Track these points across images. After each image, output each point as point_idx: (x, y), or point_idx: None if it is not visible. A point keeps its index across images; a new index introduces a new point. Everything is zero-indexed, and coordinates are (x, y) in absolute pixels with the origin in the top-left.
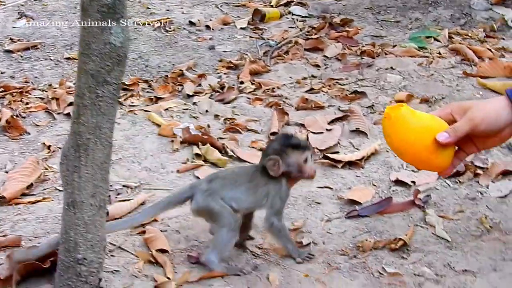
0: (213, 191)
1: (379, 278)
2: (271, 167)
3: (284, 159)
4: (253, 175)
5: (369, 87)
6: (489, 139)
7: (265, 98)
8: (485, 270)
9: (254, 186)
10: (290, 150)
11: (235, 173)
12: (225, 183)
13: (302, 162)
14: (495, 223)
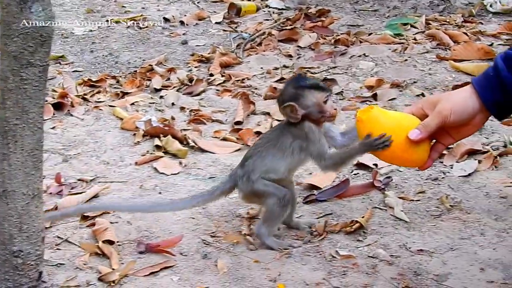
0: (249, 173)
1: (331, 262)
2: (288, 113)
3: (301, 102)
4: (277, 137)
5: (340, 74)
6: (463, 128)
7: (234, 89)
8: (442, 249)
9: (281, 148)
10: (307, 91)
11: (261, 145)
12: (255, 161)
13: (321, 102)
14: (456, 202)
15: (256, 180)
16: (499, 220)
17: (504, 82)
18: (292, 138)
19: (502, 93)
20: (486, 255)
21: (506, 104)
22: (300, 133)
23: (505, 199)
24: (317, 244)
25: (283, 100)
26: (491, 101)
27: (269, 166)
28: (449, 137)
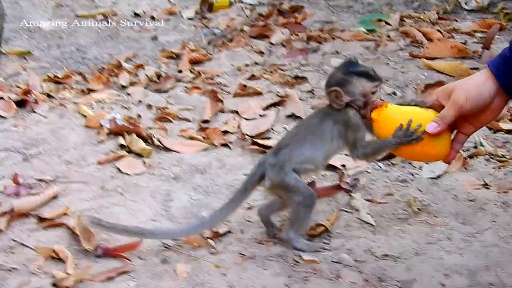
0: (282, 163)
1: (294, 266)
2: (333, 99)
3: (348, 89)
4: (316, 124)
5: (311, 72)
6: (482, 115)
7: (203, 87)
8: (407, 254)
9: (321, 135)
10: (355, 78)
11: (297, 133)
12: (291, 150)
13: (368, 92)
14: (424, 205)
15: (290, 172)
16: (466, 224)
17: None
18: (333, 124)
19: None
20: (452, 261)
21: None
22: (341, 118)
23: (473, 202)
24: (280, 248)
25: (330, 84)
26: (508, 83)
27: (307, 155)
28: (469, 126)
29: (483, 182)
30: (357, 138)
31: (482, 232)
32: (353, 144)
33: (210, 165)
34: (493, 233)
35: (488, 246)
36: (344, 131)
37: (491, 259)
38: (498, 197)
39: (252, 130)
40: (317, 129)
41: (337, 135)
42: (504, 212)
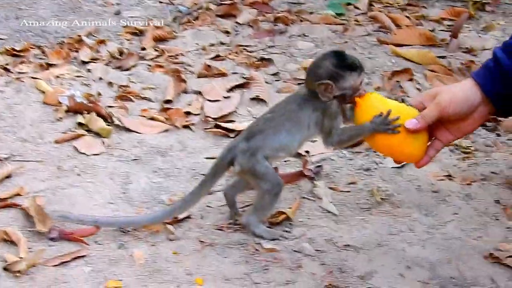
0: (255, 150)
1: (254, 255)
2: (322, 92)
3: (339, 83)
4: (294, 110)
5: (278, 54)
6: (462, 123)
7: (166, 65)
8: (369, 245)
9: (298, 122)
10: (348, 73)
11: (272, 118)
12: (266, 137)
13: (358, 85)
14: (387, 195)
15: (261, 159)
16: (429, 216)
17: (505, 71)
18: (312, 111)
19: (504, 84)
20: (414, 253)
21: (509, 97)
22: (321, 106)
23: (436, 193)
24: (241, 236)
25: (320, 76)
26: (493, 92)
27: (282, 142)
28: (448, 134)
29: (447, 173)
30: (333, 126)
31: (445, 225)
32: (329, 132)
33: (171, 147)
34: (456, 225)
35: (450, 239)
36: (321, 118)
37: (453, 252)
38: (462, 188)
39: (215, 112)
40: (295, 116)
41: (314, 123)
42: (466, 205)
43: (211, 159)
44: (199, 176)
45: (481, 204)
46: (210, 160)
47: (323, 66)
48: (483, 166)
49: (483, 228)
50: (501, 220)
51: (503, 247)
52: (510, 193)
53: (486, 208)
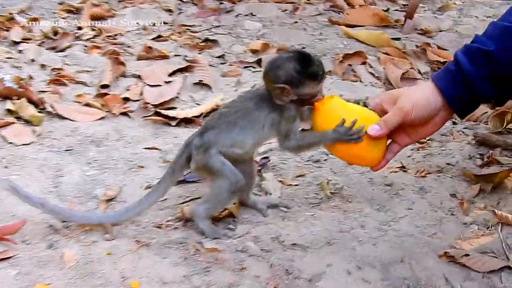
0: (208, 145)
1: (194, 255)
2: (278, 95)
3: (298, 89)
4: (250, 109)
5: (224, 35)
6: (421, 128)
7: (104, 46)
8: (318, 243)
9: (253, 121)
10: (308, 80)
11: (227, 114)
12: (218, 133)
13: (316, 92)
14: (337, 188)
15: (215, 155)
16: (381, 211)
17: (467, 76)
18: (268, 112)
19: (465, 89)
20: (365, 252)
21: (470, 101)
22: (278, 107)
23: (389, 187)
24: (180, 234)
25: (278, 79)
26: (454, 97)
27: (236, 139)
28: (406, 137)
29: (401, 165)
30: (290, 129)
31: (398, 220)
32: (285, 135)
33: (108, 136)
34: (409, 221)
35: (403, 236)
36: (278, 120)
37: (406, 250)
38: (416, 181)
39: (155, 98)
40: (250, 115)
41: (270, 124)
42: (421, 199)
43: (151, 150)
44: (137, 168)
45: (436, 198)
46: (149, 151)
47: (284, 69)
48: (439, 157)
49: (438, 224)
50: (457, 215)
51: (458, 245)
52: (466, 185)
53: (442, 202)
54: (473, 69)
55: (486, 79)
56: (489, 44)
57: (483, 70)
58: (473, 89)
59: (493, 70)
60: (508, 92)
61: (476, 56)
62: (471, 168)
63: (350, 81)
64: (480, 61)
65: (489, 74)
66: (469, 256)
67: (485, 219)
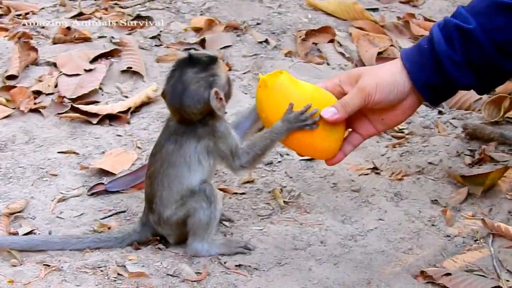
0: (162, 215)
1: (115, 281)
2: (216, 106)
3: (219, 83)
4: (174, 151)
5: (160, 10)
6: (388, 115)
7: (12, 28)
8: (266, 264)
9: (184, 162)
10: (216, 67)
11: (155, 174)
12: (161, 196)
13: (227, 74)
14: (293, 196)
15: (173, 214)
16: (346, 223)
17: (440, 59)
18: (196, 141)
19: (437, 74)
20: (324, 273)
21: (443, 88)
22: (204, 132)
23: (357, 193)
24: (98, 257)
25: (198, 95)
26: (424, 82)
27: (181, 191)
28: (369, 126)
29: (373, 166)
30: (231, 146)
31: (366, 234)
32: (230, 155)
33: (14, 138)
34: (379, 235)
35: (372, 253)
36: (212, 144)
37: (374, 271)
38: (390, 186)
39: (73, 90)
40: (177, 157)
41: (206, 154)
42: (395, 207)
43: (66, 154)
44: (49, 176)
45: (413, 206)
46: (64, 156)
47: (191, 80)
48: (419, 155)
49: (415, 238)
50: (438, 226)
51: (438, 263)
52: (451, 189)
53: (420, 210)
54: (448, 50)
55: (463, 64)
56: (470, 21)
57: (460, 53)
58: (446, 75)
59: (472, 53)
60: (491, 81)
61: (453, 35)
62: (458, 168)
63: (314, 64)
64: (457, 41)
65: (467, 58)
66: (451, 275)
67: (473, 229)
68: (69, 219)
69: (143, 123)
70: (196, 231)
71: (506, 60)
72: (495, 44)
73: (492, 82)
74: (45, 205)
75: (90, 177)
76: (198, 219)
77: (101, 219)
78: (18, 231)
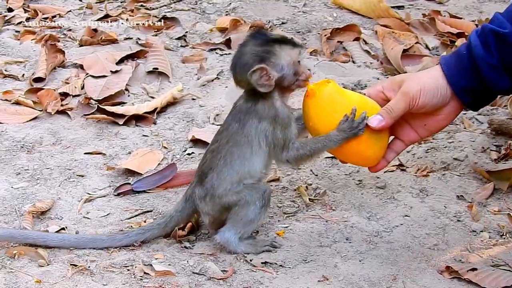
0: (212, 190)
1: (142, 280)
2: (257, 81)
3: (273, 62)
4: (238, 129)
5: (185, 11)
6: (431, 120)
7: (39, 31)
8: (292, 261)
9: (248, 142)
10: (277, 47)
11: (218, 149)
12: (220, 173)
13: (296, 61)
14: (318, 194)
15: (225, 194)
16: (372, 219)
17: (477, 63)
18: (257, 122)
19: (475, 78)
20: (350, 269)
21: (482, 93)
22: (267, 113)
23: (382, 190)
24: (127, 256)
25: (248, 64)
26: (462, 87)
27: (242, 172)
28: (412, 132)
29: (398, 163)
30: (287, 136)
31: (391, 230)
32: (282, 145)
33: (41, 140)
34: (405, 231)
35: (397, 249)
36: (271, 129)
37: (400, 267)
38: (415, 182)
39: (99, 92)
40: (241, 136)
41: (264, 137)
42: (420, 203)
43: (93, 155)
44: (76, 178)
45: (439, 202)
46: (91, 156)
47: (248, 52)
48: (445, 151)
49: (441, 233)
50: (464, 221)
51: (464, 258)
52: (477, 185)
53: (446, 206)
54: (485, 54)
55: (500, 68)
56: (505, 25)
57: (496, 57)
58: (484, 78)
59: (508, 57)
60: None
61: (490, 39)
62: (484, 164)
63: (340, 62)
64: (493, 46)
65: (503, 62)
66: (477, 270)
67: (499, 225)
68: (95, 219)
69: (169, 123)
70: (236, 223)
71: None
72: None
73: None
74: (72, 206)
75: (117, 177)
76: (245, 213)
77: (127, 219)
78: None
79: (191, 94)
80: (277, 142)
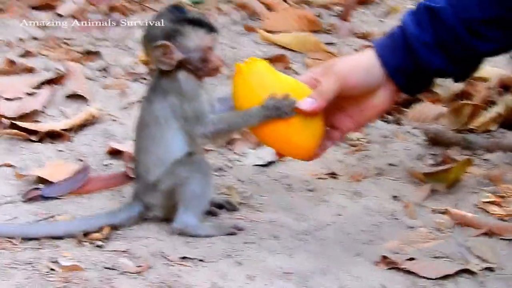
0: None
1: (46, 275)
2: (159, 57)
3: (180, 42)
4: (147, 107)
5: (109, 47)
6: (366, 105)
7: None
8: (215, 256)
9: (155, 121)
10: (189, 28)
11: (137, 136)
12: (140, 162)
13: (207, 47)
14: (245, 197)
15: (158, 181)
16: (301, 220)
17: (410, 41)
18: (163, 96)
19: (408, 57)
20: (278, 263)
21: (416, 74)
22: (171, 85)
23: (313, 192)
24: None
25: (154, 37)
26: (395, 66)
27: (160, 154)
28: (348, 120)
29: (330, 171)
30: (197, 110)
31: (323, 228)
32: (195, 119)
33: None
34: (337, 228)
35: (329, 245)
36: (178, 103)
37: (332, 259)
38: (349, 186)
39: (14, 110)
40: (150, 116)
41: (172, 113)
42: (354, 203)
43: (2, 167)
44: None
45: (374, 202)
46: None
47: (159, 25)
48: (378, 159)
49: (376, 230)
50: (400, 219)
51: (402, 250)
52: (412, 187)
53: (381, 205)
54: (418, 31)
55: (434, 46)
56: (439, 0)
57: (430, 34)
58: (417, 57)
59: (442, 33)
60: (466, 65)
61: (423, 16)
62: (420, 169)
63: None
64: (426, 22)
65: (437, 39)
66: (416, 260)
67: (437, 222)
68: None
69: (85, 140)
70: (187, 203)
71: (478, 41)
72: (464, 23)
73: (467, 65)
74: None
75: (27, 185)
76: (190, 189)
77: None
78: None
79: (111, 115)
80: (187, 115)
